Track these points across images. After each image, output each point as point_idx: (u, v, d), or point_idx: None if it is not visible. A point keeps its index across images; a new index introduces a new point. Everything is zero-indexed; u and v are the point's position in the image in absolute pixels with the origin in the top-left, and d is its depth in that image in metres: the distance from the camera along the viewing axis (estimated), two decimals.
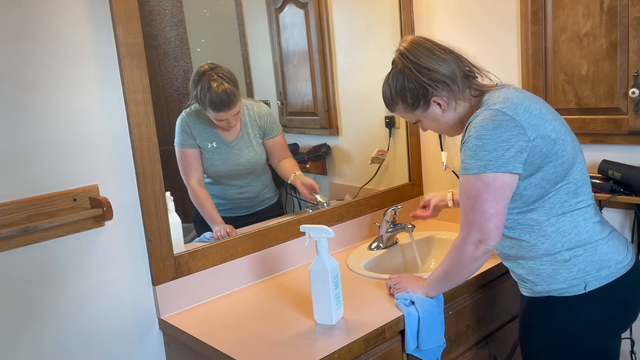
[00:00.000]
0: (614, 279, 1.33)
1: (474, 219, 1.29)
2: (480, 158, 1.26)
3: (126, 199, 1.49)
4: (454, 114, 1.41)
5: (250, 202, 1.99)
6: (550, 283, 1.35)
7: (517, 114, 1.27)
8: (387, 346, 1.43)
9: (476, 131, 1.27)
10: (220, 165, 1.90)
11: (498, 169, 1.25)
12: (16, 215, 1.30)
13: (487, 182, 1.26)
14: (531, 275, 1.38)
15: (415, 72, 1.36)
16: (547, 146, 1.28)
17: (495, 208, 1.27)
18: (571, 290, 1.33)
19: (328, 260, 1.41)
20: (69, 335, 1.42)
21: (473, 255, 1.31)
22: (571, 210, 1.33)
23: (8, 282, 1.32)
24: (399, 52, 1.40)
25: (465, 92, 1.39)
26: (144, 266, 1.54)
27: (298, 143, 2.24)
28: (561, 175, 1.31)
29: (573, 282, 1.33)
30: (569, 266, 1.33)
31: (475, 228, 1.29)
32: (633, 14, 1.62)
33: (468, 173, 1.28)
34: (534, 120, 1.28)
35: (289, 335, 1.40)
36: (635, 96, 1.64)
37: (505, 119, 1.26)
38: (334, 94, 2.22)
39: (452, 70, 1.36)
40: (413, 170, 2.28)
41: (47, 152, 1.35)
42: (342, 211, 2.03)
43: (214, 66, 1.81)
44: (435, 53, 1.36)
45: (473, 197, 1.28)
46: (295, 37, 2.20)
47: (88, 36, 1.39)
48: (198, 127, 1.85)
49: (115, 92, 1.44)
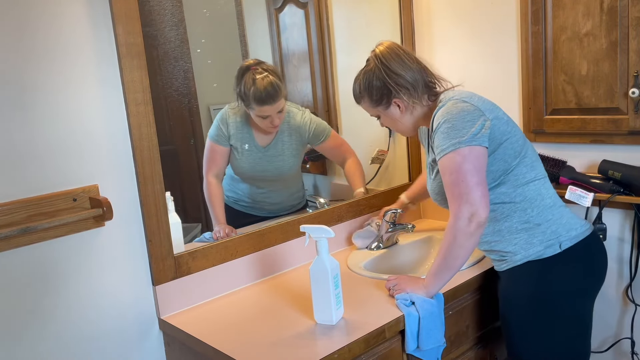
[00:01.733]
0: (582, 238, 1.49)
1: (460, 192, 1.38)
2: (453, 137, 1.39)
3: (126, 199, 1.49)
4: (410, 116, 1.57)
5: (274, 206, 1.97)
6: (528, 249, 1.48)
7: (473, 100, 1.45)
8: (387, 346, 1.43)
9: (443, 117, 1.43)
10: (247, 168, 1.88)
11: (470, 142, 1.38)
12: (16, 215, 1.30)
13: (464, 154, 1.38)
14: (510, 246, 1.50)
15: (383, 74, 1.52)
16: (502, 125, 1.45)
17: (477, 177, 1.38)
18: (548, 252, 1.46)
19: (328, 260, 1.41)
20: (69, 335, 1.42)
21: (468, 230, 1.37)
22: (532, 180, 1.49)
23: (8, 282, 1.32)
24: (374, 54, 1.55)
25: (423, 98, 1.55)
26: (144, 266, 1.54)
27: None
28: (518, 150, 1.47)
29: (548, 243, 1.47)
30: (542, 229, 1.47)
31: (464, 199, 1.37)
32: (633, 14, 1.62)
33: (446, 152, 1.40)
34: (487, 105, 1.46)
35: (289, 335, 1.40)
36: (635, 96, 1.64)
37: (466, 104, 1.43)
38: (334, 93, 2.22)
39: (416, 78, 1.53)
40: (413, 170, 2.28)
41: (47, 152, 1.35)
42: (342, 211, 2.03)
43: (259, 61, 1.82)
44: (405, 61, 1.52)
45: (455, 171, 1.38)
46: (295, 37, 2.20)
47: (88, 36, 1.39)
48: (236, 125, 1.83)
49: (115, 92, 1.44)
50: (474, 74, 2.05)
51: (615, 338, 1.85)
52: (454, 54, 2.10)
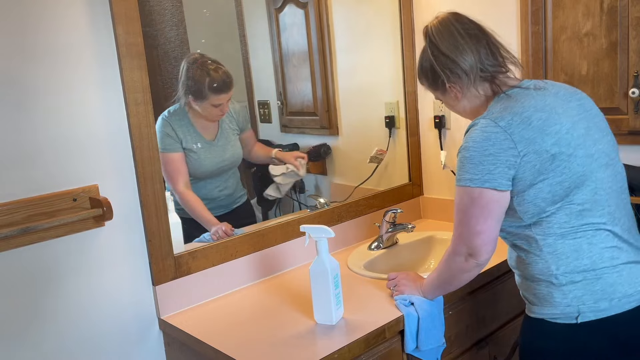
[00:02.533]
0: (615, 313, 1.20)
1: (462, 233, 1.28)
2: (466, 170, 1.23)
3: (126, 199, 1.49)
4: (469, 103, 1.35)
5: (228, 199, 1.98)
6: (544, 306, 1.27)
7: (511, 125, 1.20)
8: (387, 346, 1.43)
9: (466, 142, 1.25)
10: (207, 165, 1.88)
11: (483, 184, 1.21)
12: (16, 215, 1.30)
13: (473, 198, 1.23)
14: (531, 296, 1.31)
15: (432, 57, 1.32)
16: (542, 162, 1.19)
17: (482, 225, 1.24)
18: (563, 319, 1.23)
19: (328, 260, 1.41)
20: (69, 335, 1.42)
21: (463, 267, 1.31)
22: (574, 232, 1.22)
23: (8, 282, 1.32)
24: (425, 29, 1.34)
25: (481, 87, 1.31)
26: (144, 266, 1.54)
27: (298, 143, 2.24)
28: (560, 194, 1.20)
29: (566, 309, 1.23)
30: (564, 291, 1.23)
31: (464, 242, 1.28)
32: (633, 14, 1.62)
33: (457, 184, 1.27)
34: (529, 133, 1.19)
35: (289, 335, 1.40)
36: (635, 96, 1.64)
37: (496, 131, 1.20)
38: (334, 94, 2.22)
39: (470, 63, 1.28)
40: (413, 170, 2.28)
41: (47, 152, 1.35)
42: (342, 211, 2.03)
43: (202, 54, 1.85)
44: (458, 40, 1.28)
45: (461, 211, 1.27)
46: (295, 37, 2.20)
47: (88, 36, 1.39)
48: (182, 129, 1.82)
49: (115, 92, 1.44)
50: None
51: None
52: None
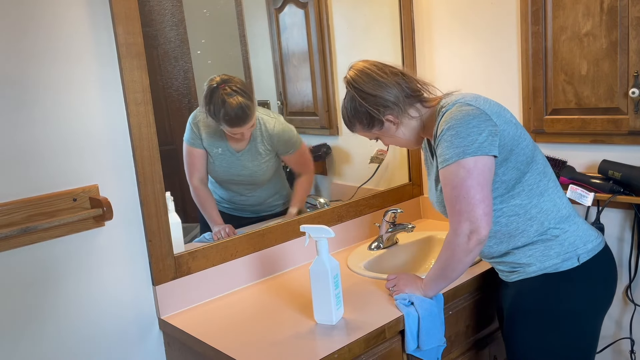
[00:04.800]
0: (598, 251, 1.42)
1: (462, 209, 1.31)
2: (456, 145, 1.30)
3: (126, 199, 1.49)
4: (408, 129, 1.49)
5: (254, 207, 1.96)
6: (544, 260, 1.40)
7: (479, 103, 1.35)
8: (387, 346, 1.44)
9: (446, 124, 1.34)
10: (221, 172, 1.88)
11: (475, 152, 1.29)
12: (16, 215, 1.30)
13: (469, 168, 1.29)
14: (524, 258, 1.42)
15: (360, 99, 1.45)
16: (512, 130, 1.36)
17: (480, 194, 1.30)
18: (565, 265, 1.39)
19: (328, 260, 1.41)
20: (69, 335, 1.42)
21: (466, 247, 1.33)
22: (546, 189, 1.41)
23: (8, 282, 1.32)
24: (346, 80, 1.48)
25: (413, 109, 1.47)
26: (144, 266, 1.54)
27: None
28: (530, 155, 1.39)
29: (566, 255, 1.39)
30: (560, 241, 1.40)
31: (465, 217, 1.31)
32: (633, 14, 1.62)
33: (448, 163, 1.32)
34: (494, 108, 1.36)
35: (289, 335, 1.40)
36: (635, 96, 1.64)
37: (471, 108, 1.33)
38: (334, 94, 2.22)
39: (395, 94, 1.43)
40: (413, 170, 2.28)
41: (47, 152, 1.35)
42: (342, 211, 2.03)
43: (227, 78, 1.76)
44: (378, 80, 1.43)
45: (458, 187, 1.31)
46: (295, 37, 2.20)
47: (88, 36, 1.39)
48: (207, 129, 1.81)
49: (115, 92, 1.44)
50: (474, 73, 2.05)
51: (614, 338, 1.85)
52: (454, 54, 2.10)
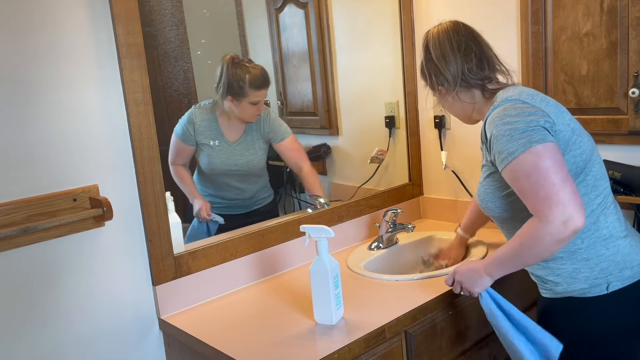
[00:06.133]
0: (637, 279, 1.29)
1: (546, 193, 1.16)
2: (519, 138, 1.21)
3: (126, 199, 1.49)
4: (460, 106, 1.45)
5: (246, 202, 2.01)
6: (571, 283, 1.31)
7: (535, 101, 1.28)
8: (387, 346, 1.43)
9: (500, 120, 1.25)
10: (218, 164, 1.92)
11: (542, 140, 1.19)
12: (16, 215, 1.30)
13: (539, 152, 1.18)
14: (552, 276, 1.34)
15: (424, 60, 1.46)
16: (567, 134, 1.27)
17: (560, 173, 1.17)
18: (593, 291, 1.29)
19: (328, 260, 1.41)
20: (69, 335, 1.42)
21: (560, 236, 1.16)
22: (591, 205, 1.29)
23: (8, 282, 1.32)
24: (425, 35, 1.47)
25: (467, 93, 1.43)
26: (144, 266, 1.54)
27: None
28: (581, 166, 1.28)
29: (595, 282, 1.28)
30: (590, 265, 1.29)
31: (554, 201, 1.15)
32: (633, 14, 1.62)
33: (515, 156, 1.21)
34: (552, 108, 1.28)
35: (289, 335, 1.40)
36: (635, 96, 1.64)
37: (526, 105, 1.26)
38: (334, 94, 2.22)
39: (453, 72, 1.40)
40: (413, 170, 2.28)
41: (47, 152, 1.35)
42: (342, 211, 2.03)
43: (235, 54, 1.90)
44: (447, 51, 1.40)
45: (533, 172, 1.18)
46: (295, 37, 2.20)
47: (88, 36, 1.39)
48: (203, 124, 1.87)
49: (115, 92, 1.44)
50: None
51: None
52: None
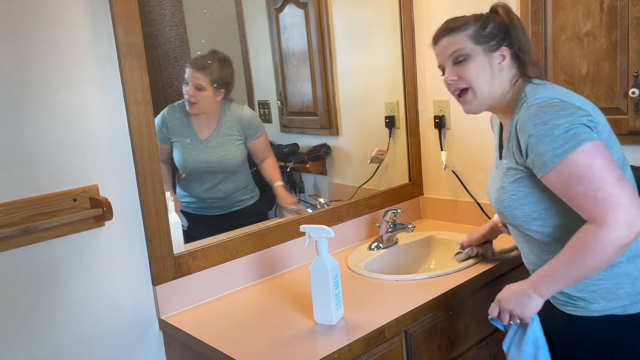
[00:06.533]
0: None
1: (605, 196, 1.05)
2: (563, 137, 1.08)
3: (126, 199, 1.49)
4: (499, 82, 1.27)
5: (221, 202, 1.99)
6: (610, 300, 1.19)
7: (573, 100, 1.16)
8: (387, 346, 1.43)
9: (539, 119, 1.12)
10: (190, 161, 1.92)
11: (589, 138, 1.08)
12: (16, 215, 1.30)
13: (589, 151, 1.07)
14: (585, 292, 1.21)
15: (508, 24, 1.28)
16: (606, 135, 1.17)
17: (616, 171, 1.07)
18: (636, 307, 1.18)
19: (328, 260, 1.41)
20: (69, 335, 1.42)
21: (624, 241, 1.06)
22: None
23: (8, 282, 1.32)
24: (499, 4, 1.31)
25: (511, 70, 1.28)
26: (144, 266, 1.54)
27: (298, 143, 2.24)
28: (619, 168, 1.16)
29: (638, 297, 1.18)
30: (631, 279, 1.18)
31: (614, 203, 1.05)
32: (633, 14, 1.62)
33: (563, 157, 1.08)
34: (590, 107, 1.18)
35: (289, 335, 1.40)
36: (635, 96, 1.64)
37: (563, 104, 1.13)
38: (334, 94, 2.22)
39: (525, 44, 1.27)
40: (413, 170, 2.28)
41: (47, 152, 1.35)
42: (342, 211, 2.03)
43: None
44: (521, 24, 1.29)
45: (587, 173, 1.07)
46: (295, 37, 2.20)
47: (88, 36, 1.39)
48: (176, 122, 1.88)
49: (115, 92, 1.44)
50: None
51: None
52: None
